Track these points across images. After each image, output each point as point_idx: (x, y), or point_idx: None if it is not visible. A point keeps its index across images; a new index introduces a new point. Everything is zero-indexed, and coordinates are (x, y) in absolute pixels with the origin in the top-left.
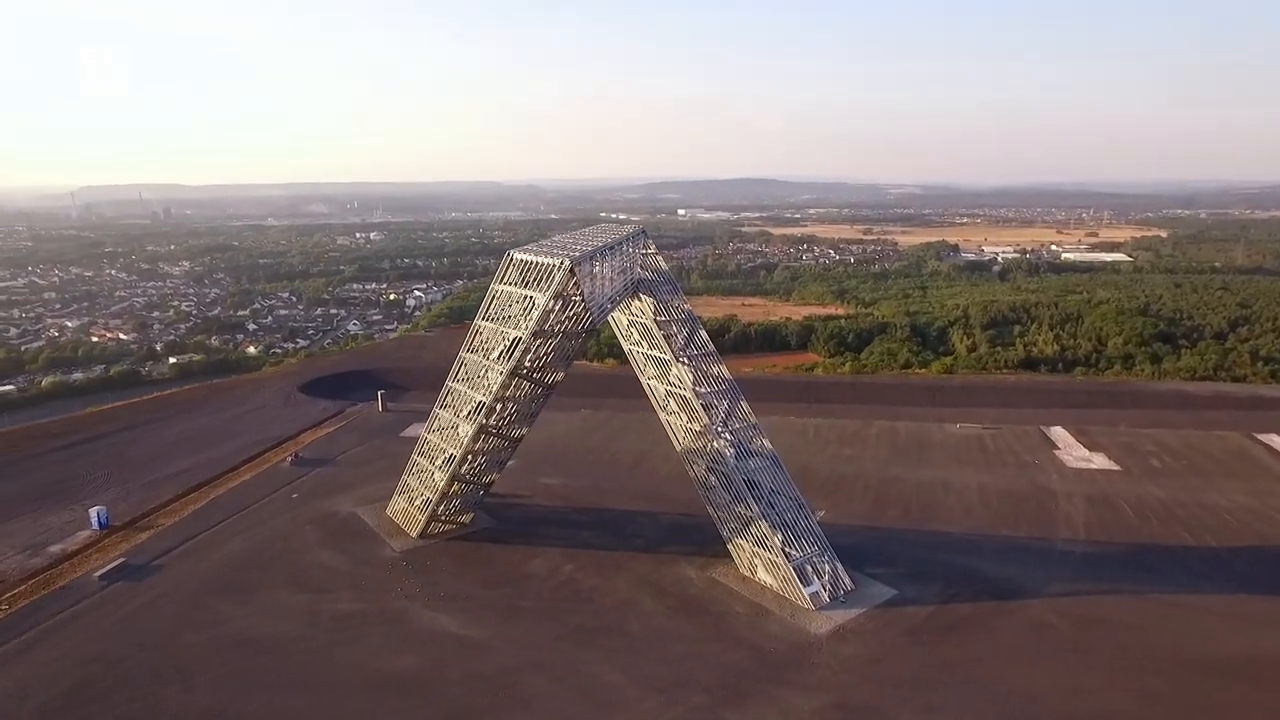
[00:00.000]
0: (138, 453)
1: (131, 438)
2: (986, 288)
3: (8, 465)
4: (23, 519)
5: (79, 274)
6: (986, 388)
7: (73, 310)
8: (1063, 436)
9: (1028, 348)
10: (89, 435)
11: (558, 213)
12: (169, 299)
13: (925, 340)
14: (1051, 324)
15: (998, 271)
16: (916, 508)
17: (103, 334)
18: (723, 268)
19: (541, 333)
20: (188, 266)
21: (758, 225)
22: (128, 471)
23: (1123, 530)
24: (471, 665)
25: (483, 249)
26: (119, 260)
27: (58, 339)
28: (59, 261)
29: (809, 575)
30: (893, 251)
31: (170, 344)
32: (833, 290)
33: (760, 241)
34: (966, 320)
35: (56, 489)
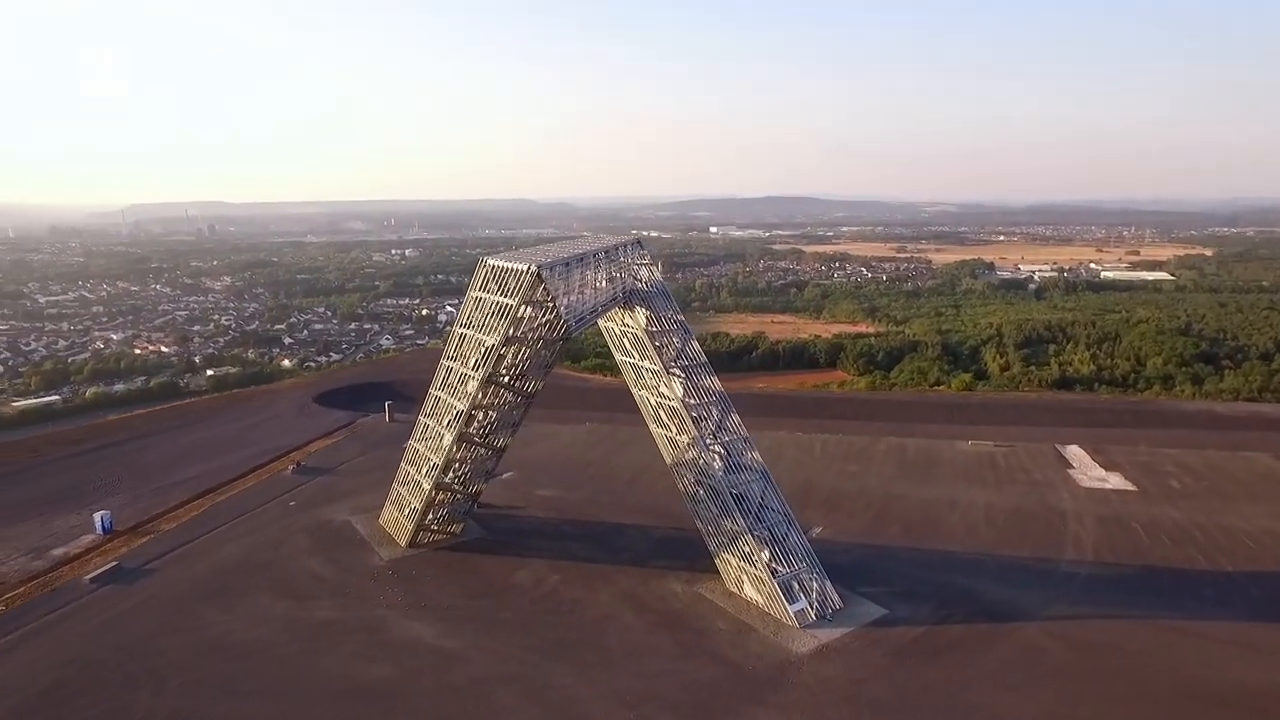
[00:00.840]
0: (151, 460)
1: (147, 445)
2: (1022, 306)
3: (25, 470)
4: (32, 522)
5: (126, 289)
6: (1007, 405)
7: (118, 324)
8: (1078, 455)
9: (1063, 367)
10: (106, 442)
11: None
12: (210, 313)
13: (957, 359)
14: (1088, 343)
15: (1034, 290)
16: (917, 526)
17: (145, 347)
18: (753, 285)
19: (514, 339)
20: (228, 282)
21: (790, 243)
22: (139, 478)
23: (1133, 552)
24: (443, 676)
25: None
26: (164, 275)
27: (103, 351)
28: (108, 277)
29: (795, 592)
30: (926, 270)
31: (209, 357)
32: (864, 308)
33: (792, 259)
34: (1000, 339)
35: (69, 493)
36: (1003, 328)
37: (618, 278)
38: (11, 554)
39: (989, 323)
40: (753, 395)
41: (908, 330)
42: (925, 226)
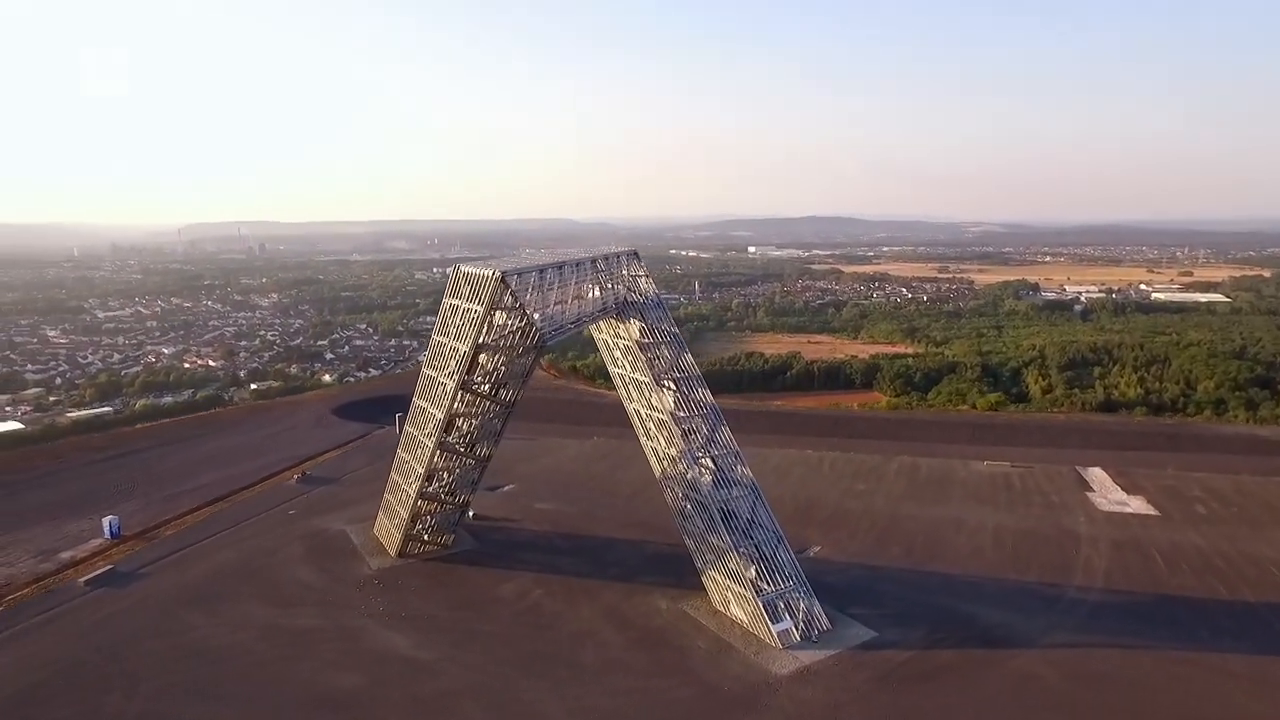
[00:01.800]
0: (168, 467)
1: (167, 453)
2: (1067, 328)
3: (48, 475)
4: (46, 525)
5: (179, 304)
6: (1034, 427)
7: (170, 338)
8: (1100, 478)
9: (1108, 390)
10: (128, 449)
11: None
12: (256, 329)
13: (997, 380)
14: (1135, 366)
15: (1080, 311)
16: (921, 547)
17: (194, 361)
18: (790, 305)
19: (486, 346)
20: (276, 298)
21: (829, 263)
22: (154, 484)
23: (1147, 579)
24: (411, 688)
25: None
26: (215, 292)
27: (154, 365)
28: (162, 293)
29: (780, 612)
30: (968, 290)
31: (253, 371)
32: (902, 328)
33: (830, 279)
34: (1042, 360)
35: (85, 498)
36: (1045, 349)
37: (611, 289)
38: (22, 556)
39: (1031, 344)
40: (769, 413)
41: (947, 351)
42: (969, 247)
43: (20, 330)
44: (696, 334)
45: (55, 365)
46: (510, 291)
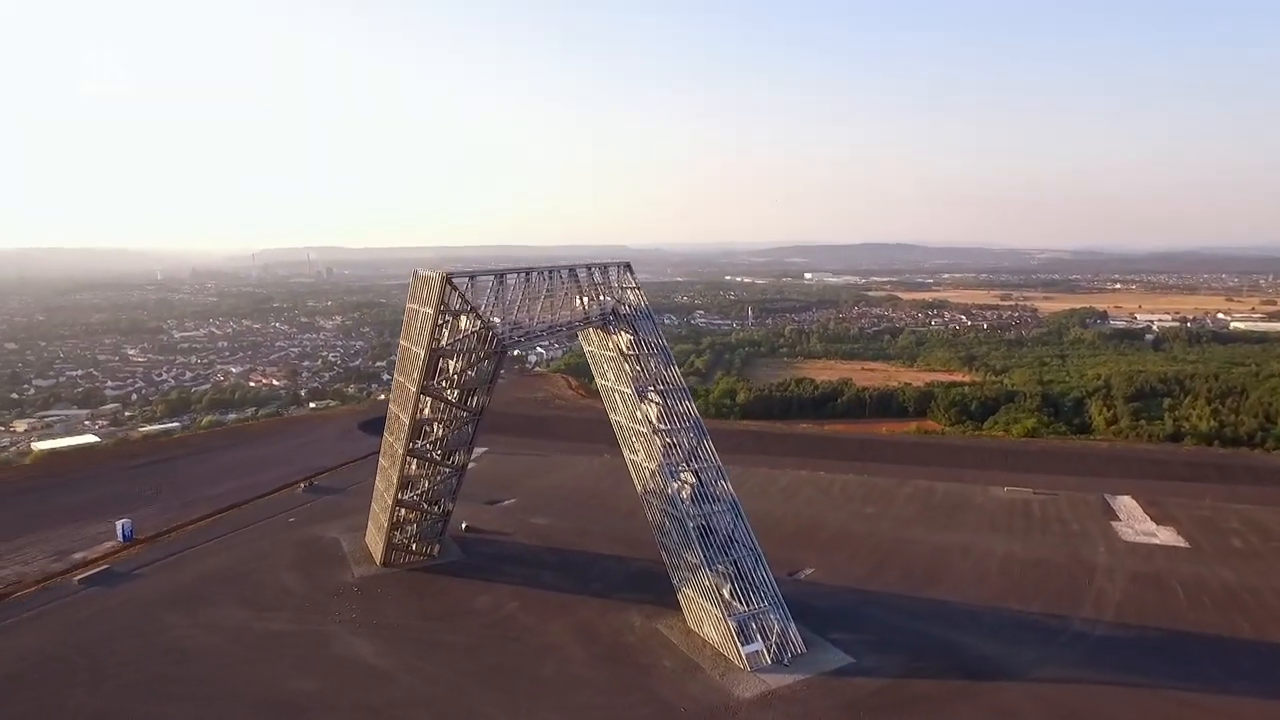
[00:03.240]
0: (193, 474)
1: (194, 462)
2: (1135, 357)
3: (82, 479)
4: (68, 526)
5: (249, 326)
6: (1072, 453)
7: (239, 358)
8: (1128, 507)
9: (1178, 422)
10: (161, 457)
11: (682, 275)
12: (319, 350)
13: (1059, 411)
14: (1209, 397)
15: (1151, 341)
16: (920, 572)
17: (259, 380)
18: (845, 331)
19: (443, 351)
20: (339, 321)
21: (886, 289)
22: (175, 491)
23: (1163, 614)
24: (366, 694)
25: None
26: (283, 314)
27: (222, 383)
28: (235, 315)
29: (752, 633)
30: (1031, 318)
31: (314, 390)
32: (960, 356)
33: (887, 306)
34: (1108, 391)
35: (110, 502)
36: (1112, 379)
37: (600, 300)
38: (38, 555)
39: (1097, 374)
40: (793, 436)
41: (1006, 380)
42: (1034, 274)
43: (104, 349)
44: (748, 360)
45: (133, 382)
46: (459, 294)
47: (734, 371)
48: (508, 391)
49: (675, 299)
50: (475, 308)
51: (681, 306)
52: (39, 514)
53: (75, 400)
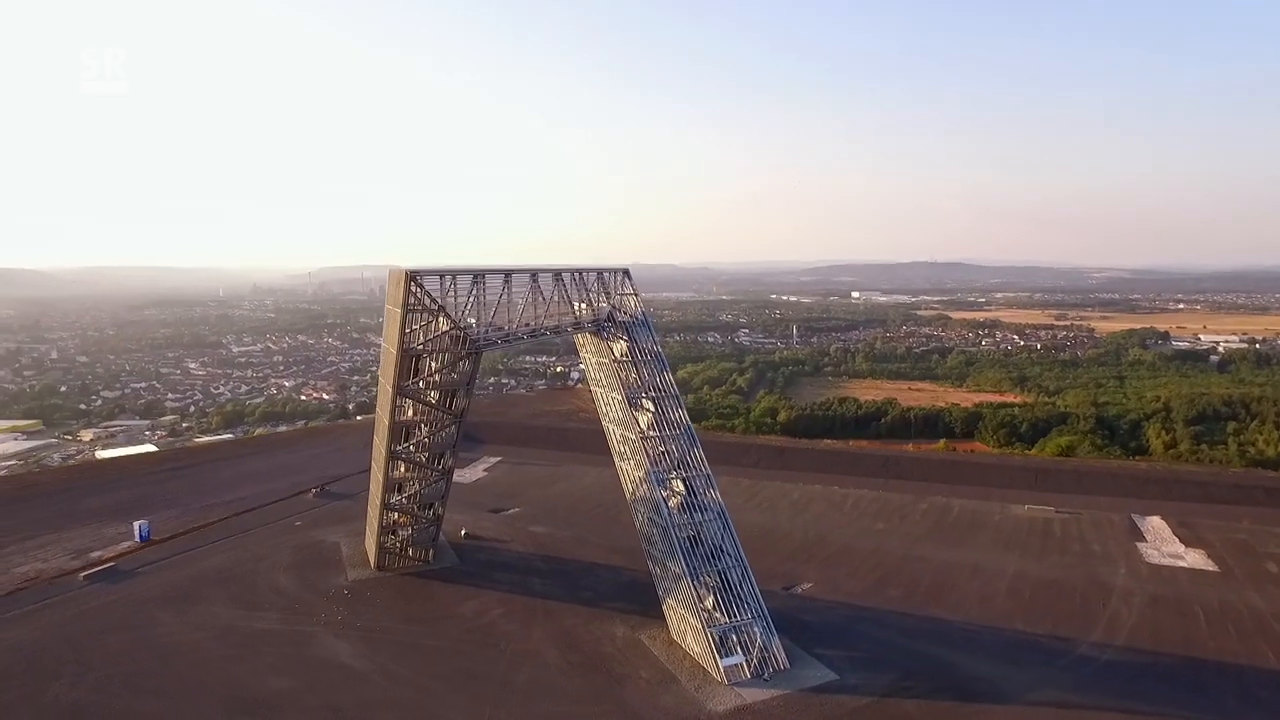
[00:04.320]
0: (215, 480)
1: (219, 468)
2: (1199, 379)
3: (110, 483)
4: (89, 527)
5: (303, 341)
6: (1105, 473)
7: (292, 372)
8: (1156, 528)
9: (1243, 447)
10: (188, 464)
11: (729, 294)
12: (369, 365)
13: (1114, 434)
14: (1278, 421)
15: (1216, 362)
16: (924, 590)
17: (310, 393)
18: (892, 351)
19: (415, 350)
20: None
21: (936, 309)
22: (195, 495)
23: (1180, 640)
24: (335, 695)
25: None
26: (336, 330)
27: (275, 396)
28: (290, 330)
29: (732, 646)
30: (1088, 338)
31: (361, 404)
32: (1012, 377)
33: (937, 325)
34: (1167, 414)
35: (134, 504)
36: (1172, 401)
37: (596, 306)
38: (58, 554)
39: (1156, 396)
40: (816, 451)
41: (1059, 402)
42: (1091, 293)
43: (166, 362)
44: (791, 379)
45: (191, 395)
46: (425, 292)
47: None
48: (534, 404)
49: (720, 317)
50: (443, 307)
51: (726, 325)
52: (66, 514)
53: (138, 411)
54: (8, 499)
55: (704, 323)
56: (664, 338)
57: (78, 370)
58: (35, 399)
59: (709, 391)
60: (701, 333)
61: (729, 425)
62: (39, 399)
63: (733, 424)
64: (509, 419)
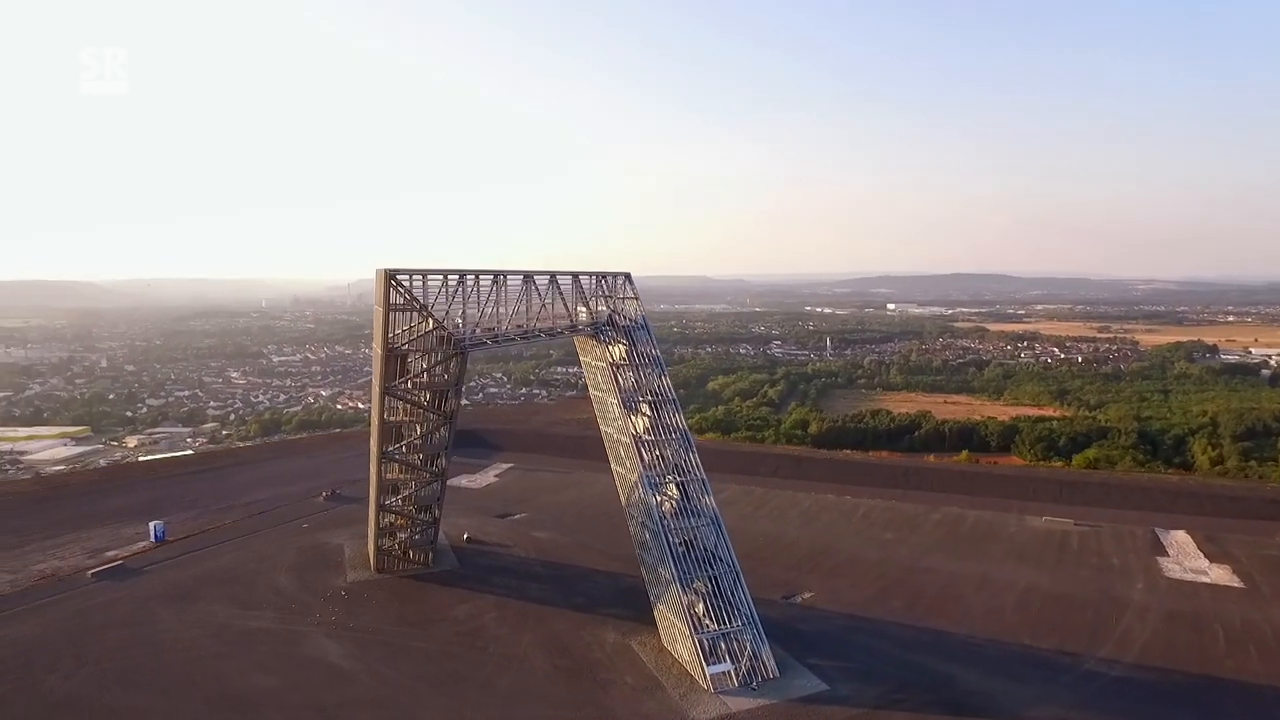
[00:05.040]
0: (235, 483)
1: (241, 471)
2: (1249, 394)
3: (135, 485)
4: (108, 528)
5: (341, 351)
6: (1135, 487)
7: (329, 381)
8: (1181, 542)
9: None
10: (211, 467)
11: (762, 305)
12: None
13: (1156, 449)
14: None
15: (1268, 376)
16: (927, 601)
17: (345, 403)
18: (927, 363)
19: (399, 350)
20: None
21: (973, 321)
22: (215, 497)
23: (1196, 658)
24: (318, 694)
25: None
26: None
27: (312, 405)
28: (329, 341)
29: (720, 653)
30: (1131, 351)
31: None
32: (1051, 390)
33: (974, 337)
34: (1214, 429)
35: (155, 505)
36: (1220, 416)
37: (595, 309)
38: (76, 553)
39: (1203, 410)
40: (835, 461)
41: (1100, 416)
42: (1136, 305)
43: (209, 371)
44: (824, 391)
45: (232, 403)
46: (406, 291)
47: (808, 402)
48: (554, 413)
49: (753, 329)
50: (425, 306)
51: (758, 336)
52: (89, 514)
53: (180, 418)
54: (37, 499)
55: (736, 334)
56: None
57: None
58: (85, 406)
59: (740, 403)
60: (734, 344)
61: (759, 437)
62: (88, 406)
63: (763, 435)
64: (528, 426)
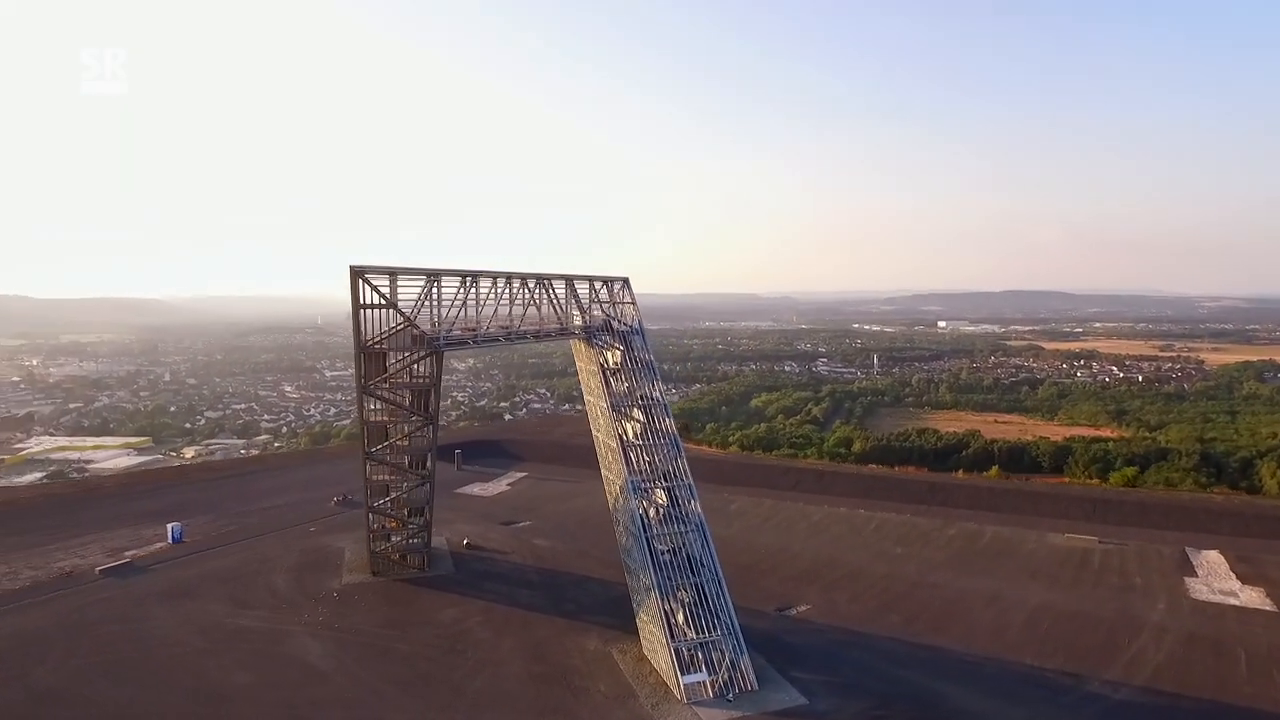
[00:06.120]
0: (258, 488)
1: (266, 477)
2: None
3: (164, 489)
4: (131, 529)
5: None
6: (1175, 506)
7: None
8: (1212, 563)
9: None
10: (239, 473)
11: (808, 323)
12: (449, 390)
13: (1221, 472)
14: None
15: None
16: (929, 617)
17: None
18: (978, 382)
19: (367, 348)
20: (471, 363)
21: (1027, 339)
22: (236, 501)
23: (1211, 683)
24: (292, 692)
25: (726, 355)
26: None
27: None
28: None
29: (697, 663)
30: (1196, 371)
31: (440, 427)
32: (1109, 410)
33: (1028, 356)
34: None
35: (176, 509)
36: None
37: (590, 314)
38: (96, 551)
39: (1273, 432)
40: (859, 475)
41: (1161, 437)
42: (1202, 324)
43: (265, 385)
44: (870, 409)
45: (285, 416)
46: (373, 287)
47: (853, 420)
48: (578, 425)
49: (798, 346)
50: (394, 304)
51: (804, 354)
52: (115, 515)
53: (236, 430)
54: (70, 500)
55: (781, 352)
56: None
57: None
58: (148, 418)
59: (783, 421)
60: (778, 361)
61: (802, 454)
62: (151, 418)
63: (805, 453)
64: (550, 438)
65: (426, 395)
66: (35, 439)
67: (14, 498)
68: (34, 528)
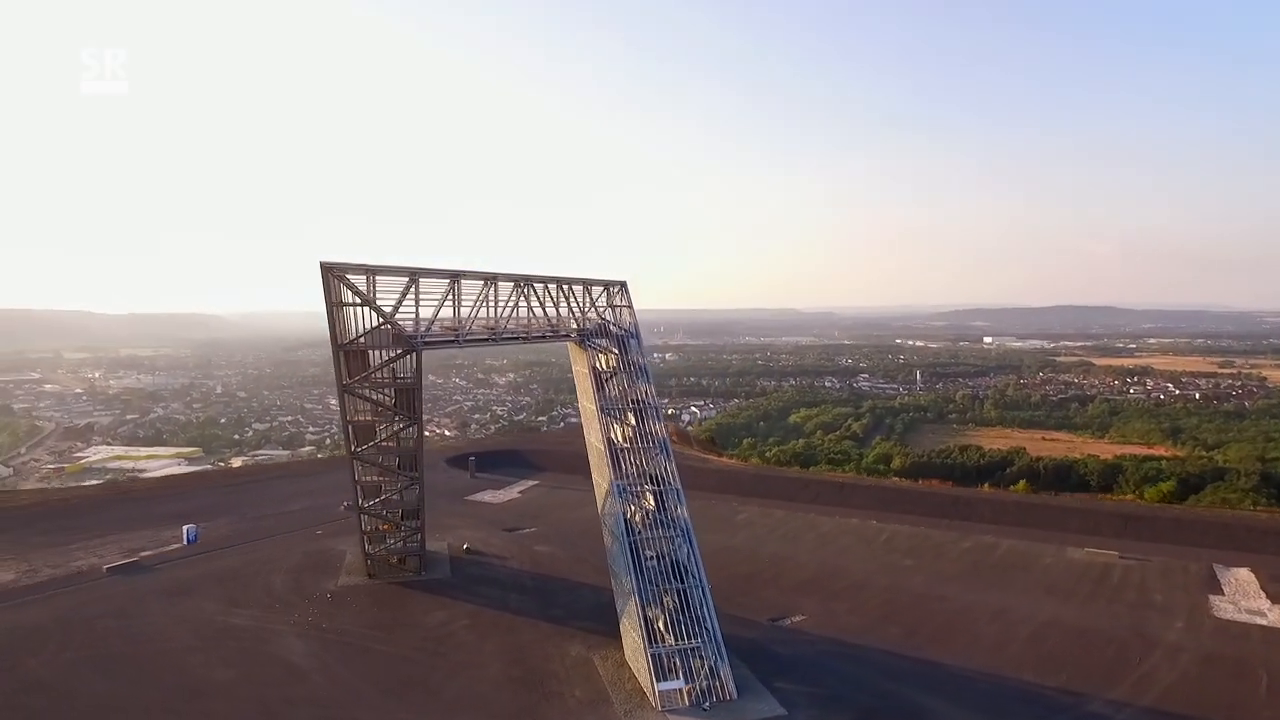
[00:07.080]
0: (276, 494)
1: (286, 484)
2: None
3: (188, 493)
4: (150, 530)
5: (434, 381)
6: (1215, 523)
7: None
8: (1241, 580)
9: None
10: (261, 479)
11: (850, 338)
12: (489, 404)
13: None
14: None
15: None
16: (930, 631)
17: (432, 430)
18: (1025, 398)
19: (343, 346)
20: (511, 378)
21: (1078, 355)
22: (253, 505)
23: (1226, 705)
24: (269, 689)
25: (765, 370)
26: (463, 371)
27: None
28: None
29: (674, 670)
30: (1257, 388)
31: (478, 441)
32: (1163, 428)
33: (1078, 372)
34: None
35: (196, 512)
36: None
37: (585, 317)
38: (114, 551)
39: None
40: (880, 488)
41: (1219, 456)
42: (1265, 339)
43: (311, 398)
44: (911, 425)
45: (329, 428)
46: (345, 286)
47: (894, 437)
48: None
49: (840, 361)
50: (369, 301)
51: (845, 369)
52: (139, 517)
53: (281, 441)
54: (101, 502)
55: (822, 367)
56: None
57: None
58: (199, 429)
59: (821, 436)
60: (819, 377)
61: (841, 470)
62: (202, 429)
63: (844, 469)
64: (572, 448)
65: (410, 395)
66: (94, 448)
67: (46, 499)
68: (61, 528)
